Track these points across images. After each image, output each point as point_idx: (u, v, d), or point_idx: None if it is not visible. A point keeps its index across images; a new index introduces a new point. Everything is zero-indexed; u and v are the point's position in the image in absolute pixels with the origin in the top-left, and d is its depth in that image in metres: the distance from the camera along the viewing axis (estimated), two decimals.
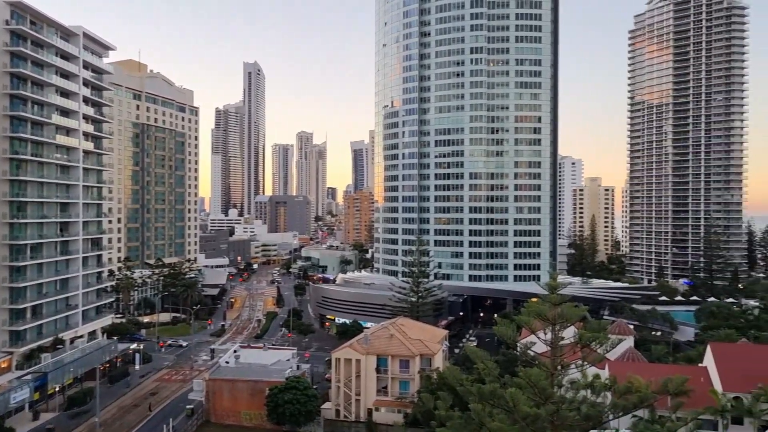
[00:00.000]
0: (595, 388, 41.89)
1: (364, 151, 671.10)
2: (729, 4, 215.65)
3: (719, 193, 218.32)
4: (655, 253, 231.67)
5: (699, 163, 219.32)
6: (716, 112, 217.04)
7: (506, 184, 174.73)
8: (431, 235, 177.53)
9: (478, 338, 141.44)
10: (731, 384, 71.41)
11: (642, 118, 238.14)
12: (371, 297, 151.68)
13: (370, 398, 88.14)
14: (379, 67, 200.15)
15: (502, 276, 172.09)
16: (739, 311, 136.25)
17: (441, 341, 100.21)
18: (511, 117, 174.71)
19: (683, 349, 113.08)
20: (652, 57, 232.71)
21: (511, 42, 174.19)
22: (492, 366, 43.62)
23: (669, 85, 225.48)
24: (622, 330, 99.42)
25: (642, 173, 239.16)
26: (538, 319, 42.70)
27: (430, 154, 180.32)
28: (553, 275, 45.27)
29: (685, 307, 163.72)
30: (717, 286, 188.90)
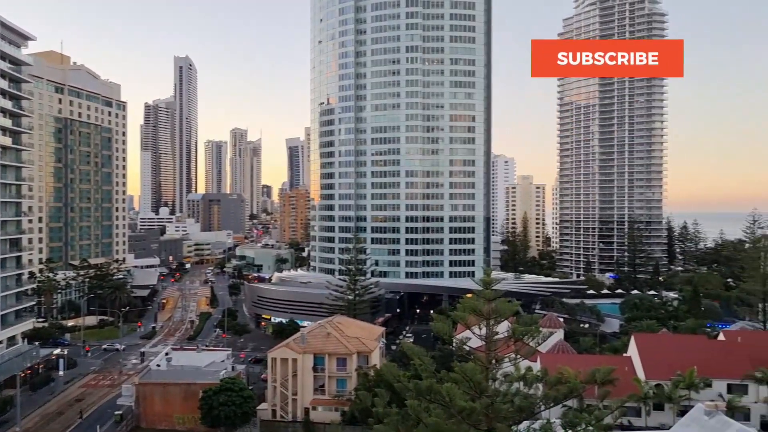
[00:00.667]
0: (528, 381, 42.97)
1: (300, 148, 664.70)
2: (650, 10, 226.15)
3: (642, 191, 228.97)
4: (583, 249, 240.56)
5: (623, 162, 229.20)
6: (638, 113, 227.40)
7: (441, 182, 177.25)
8: (368, 232, 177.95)
9: (415, 335, 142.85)
10: (653, 372, 75.12)
11: (571, 119, 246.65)
12: (308, 296, 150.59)
13: (307, 397, 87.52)
14: (314, 64, 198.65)
15: (438, 273, 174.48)
16: (659, 303, 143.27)
17: (378, 338, 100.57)
18: (446, 116, 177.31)
19: (609, 340, 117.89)
20: None
21: (445, 42, 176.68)
22: (428, 362, 44.00)
23: (595, 87, 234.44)
24: (552, 323, 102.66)
25: (571, 171, 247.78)
26: (473, 314, 43.36)
27: (367, 152, 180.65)
28: (488, 271, 46.11)
29: (610, 300, 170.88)
30: (640, 280, 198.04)
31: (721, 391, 73.04)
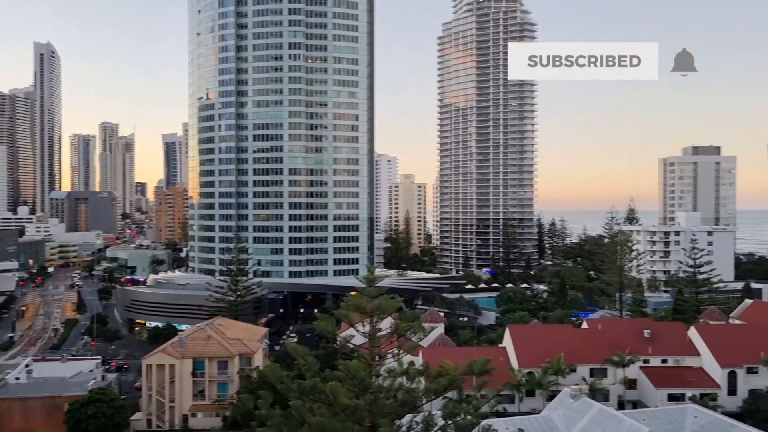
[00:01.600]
0: (410, 375, 43.88)
1: (178, 144, 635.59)
2: (521, 20, 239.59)
3: (515, 190, 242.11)
4: (462, 246, 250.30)
5: (498, 163, 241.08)
6: (512, 116, 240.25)
7: (325, 180, 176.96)
8: (250, 232, 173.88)
9: (298, 334, 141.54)
10: (525, 361, 79.63)
11: (450, 120, 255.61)
12: (186, 298, 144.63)
13: (186, 404, 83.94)
14: (192, 57, 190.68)
15: (322, 271, 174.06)
16: (531, 295, 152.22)
17: (261, 339, 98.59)
18: (329, 114, 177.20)
19: (486, 332, 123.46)
20: (458, 63, 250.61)
21: (329, 40, 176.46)
22: (312, 361, 43.68)
23: (473, 90, 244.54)
24: (433, 318, 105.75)
25: (450, 171, 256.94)
26: (357, 312, 43.57)
27: (248, 149, 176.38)
28: (371, 269, 46.52)
29: (487, 293, 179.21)
30: (514, 274, 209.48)
31: (585, 375, 78.90)
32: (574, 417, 58.58)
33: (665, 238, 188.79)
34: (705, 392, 77.04)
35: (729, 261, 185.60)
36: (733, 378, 78.83)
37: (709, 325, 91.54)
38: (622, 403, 79.35)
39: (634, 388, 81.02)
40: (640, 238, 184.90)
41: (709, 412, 62.95)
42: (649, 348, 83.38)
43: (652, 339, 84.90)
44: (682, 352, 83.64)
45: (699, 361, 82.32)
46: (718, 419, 60.46)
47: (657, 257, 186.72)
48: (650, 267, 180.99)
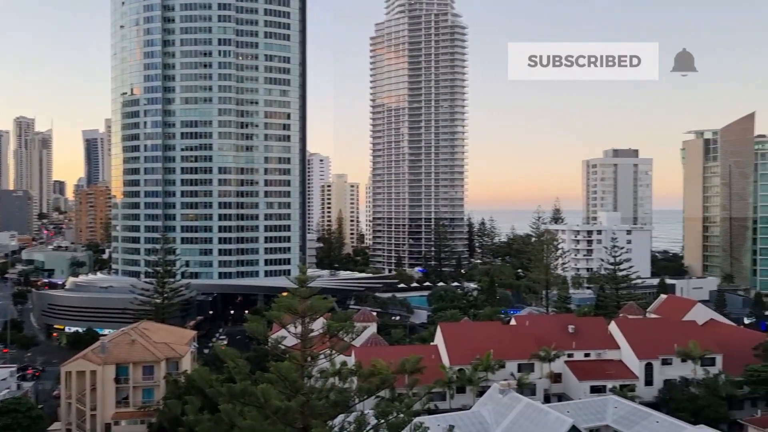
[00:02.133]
0: (342, 375, 43.79)
1: (100, 141, 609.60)
2: (452, 23, 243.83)
3: (446, 190, 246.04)
4: (394, 245, 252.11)
5: (430, 163, 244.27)
6: (443, 118, 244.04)
7: (256, 179, 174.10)
8: (178, 232, 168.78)
9: (229, 336, 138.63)
10: (456, 358, 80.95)
11: (383, 120, 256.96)
12: (109, 301, 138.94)
13: (109, 411, 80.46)
14: (116, 50, 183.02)
15: (253, 272, 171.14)
16: (462, 293, 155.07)
17: (189, 343, 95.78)
18: (260, 112, 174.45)
19: (418, 331, 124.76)
20: (390, 63, 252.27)
21: (260, 37, 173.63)
22: (243, 364, 42.88)
23: (405, 91, 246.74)
24: (366, 318, 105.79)
25: (383, 171, 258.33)
26: (289, 312, 43.13)
27: (176, 147, 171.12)
28: (303, 269, 46.12)
29: (419, 292, 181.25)
30: (445, 273, 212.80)
31: (513, 370, 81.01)
32: (503, 411, 60.10)
33: (588, 237, 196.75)
34: (624, 383, 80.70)
35: (646, 258, 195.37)
36: (650, 369, 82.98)
37: (628, 320, 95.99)
38: (548, 396, 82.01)
39: (559, 381, 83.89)
40: (565, 237, 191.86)
41: (628, 403, 66.09)
42: (573, 343, 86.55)
43: (576, 334, 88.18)
44: (603, 345, 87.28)
45: (619, 354, 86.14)
46: (636, 409, 63.53)
47: (581, 255, 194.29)
48: (574, 265, 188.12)
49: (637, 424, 59.39)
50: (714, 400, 74.98)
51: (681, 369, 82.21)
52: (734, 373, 79.82)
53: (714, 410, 73.43)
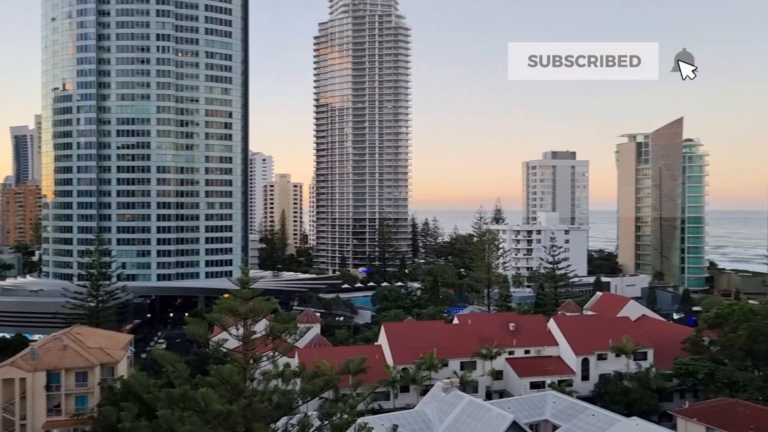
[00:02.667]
0: (286, 377, 43.33)
1: (29, 137, 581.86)
2: (396, 24, 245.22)
3: (390, 190, 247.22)
4: (338, 245, 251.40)
5: (374, 163, 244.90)
6: (387, 118, 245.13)
7: (197, 178, 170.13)
8: (114, 233, 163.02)
9: (168, 340, 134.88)
10: (400, 357, 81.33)
11: (326, 120, 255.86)
12: (39, 305, 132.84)
13: (40, 420, 76.85)
14: (47, 44, 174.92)
15: (193, 273, 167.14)
16: (405, 293, 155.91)
17: (125, 347, 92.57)
18: (201, 110, 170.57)
19: (362, 331, 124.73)
20: (334, 63, 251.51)
21: (200, 33, 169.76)
22: (182, 368, 41.78)
23: (349, 91, 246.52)
24: (310, 318, 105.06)
25: (327, 171, 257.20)
26: (230, 314, 42.32)
27: (112, 145, 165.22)
28: (245, 270, 45.34)
29: (363, 292, 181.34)
30: (389, 272, 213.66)
31: (456, 369, 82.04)
32: (446, 409, 60.77)
33: (528, 237, 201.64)
34: (562, 379, 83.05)
35: (583, 257, 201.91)
36: (586, 364, 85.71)
37: (566, 317, 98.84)
38: (490, 393, 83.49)
39: (500, 378, 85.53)
40: (506, 237, 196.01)
41: (565, 397, 68.00)
42: (514, 340, 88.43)
43: (517, 331, 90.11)
44: (542, 342, 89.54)
45: (557, 350, 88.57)
46: (573, 403, 65.45)
47: (521, 255, 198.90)
48: (515, 264, 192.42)
49: (575, 417, 61.17)
50: (645, 392, 78.19)
51: (615, 363, 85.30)
52: (664, 366, 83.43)
53: (645, 402, 76.60)
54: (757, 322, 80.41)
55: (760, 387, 74.25)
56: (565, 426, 60.27)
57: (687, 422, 65.35)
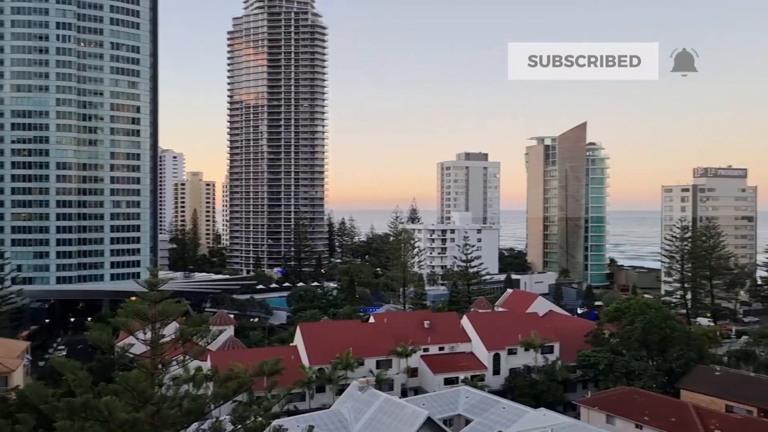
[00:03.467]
0: (197, 381, 41.90)
1: None
2: (313, 22, 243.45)
3: (306, 189, 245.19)
4: (253, 245, 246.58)
5: (290, 162, 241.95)
6: (303, 117, 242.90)
7: (101, 176, 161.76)
8: (7, 233, 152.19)
9: (69, 346, 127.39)
10: (316, 357, 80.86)
11: (241, 117, 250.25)
12: None
13: None
14: None
15: (97, 276, 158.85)
16: (321, 293, 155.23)
17: (21, 355, 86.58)
18: (106, 104, 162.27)
19: (278, 332, 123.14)
20: (249, 60, 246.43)
21: (105, 23, 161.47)
22: (84, 375, 39.50)
23: (264, 89, 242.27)
24: (223, 320, 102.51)
25: (241, 169, 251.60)
26: (137, 318, 40.46)
27: (5, 139, 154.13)
28: (153, 271, 43.50)
29: (278, 293, 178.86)
30: (305, 272, 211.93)
31: (372, 367, 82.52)
32: (362, 408, 60.96)
33: (442, 236, 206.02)
34: (475, 374, 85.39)
35: (494, 255, 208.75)
36: (497, 359, 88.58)
37: (478, 314, 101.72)
38: (405, 390, 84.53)
39: (415, 375, 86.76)
40: (421, 236, 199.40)
41: (477, 392, 70.00)
42: (429, 338, 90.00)
43: (431, 329, 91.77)
44: (456, 339, 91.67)
45: (470, 346, 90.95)
46: (485, 397, 67.48)
47: (436, 253, 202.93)
48: (430, 262, 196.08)
49: (486, 411, 63.04)
50: (552, 384, 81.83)
51: (524, 358, 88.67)
52: (569, 358, 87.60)
53: (552, 394, 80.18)
54: (651, 315, 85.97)
55: (653, 375, 79.47)
56: (477, 420, 61.98)
57: (589, 411, 69.01)
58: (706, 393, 72.38)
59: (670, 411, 64.21)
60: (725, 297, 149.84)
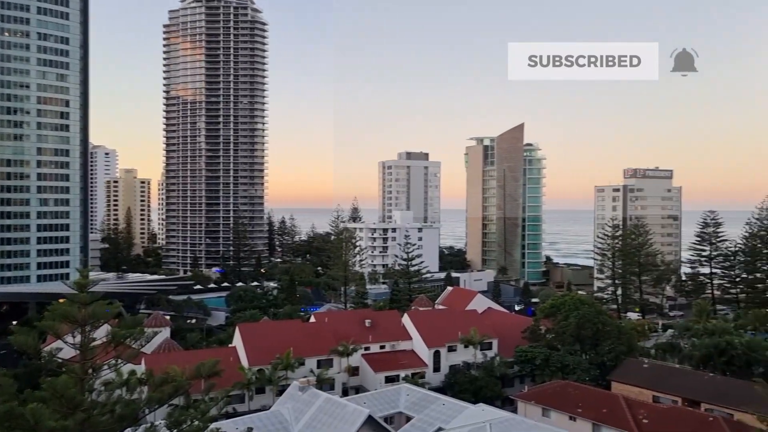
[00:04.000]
0: (131, 386, 40.50)
1: None
2: (252, 17, 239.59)
3: (246, 188, 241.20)
4: (190, 244, 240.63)
5: (229, 160, 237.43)
6: (243, 113, 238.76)
7: (27, 172, 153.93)
8: None
9: None
10: (256, 358, 79.66)
11: (178, 113, 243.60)
12: None
13: None
14: None
15: (22, 277, 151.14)
16: (261, 293, 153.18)
17: None
18: (32, 97, 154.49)
19: (216, 333, 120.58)
20: (186, 54, 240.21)
21: (31, 12, 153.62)
22: (8, 382, 37.66)
23: (202, 84, 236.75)
24: (158, 322, 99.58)
25: (178, 166, 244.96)
26: (66, 321, 38.73)
27: None
28: (83, 272, 41.66)
29: (217, 293, 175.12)
30: (244, 272, 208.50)
31: (313, 367, 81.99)
32: (302, 408, 60.44)
33: (384, 235, 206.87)
34: (415, 372, 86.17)
35: (435, 254, 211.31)
36: (438, 357, 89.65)
37: (419, 312, 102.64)
38: (347, 389, 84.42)
39: (356, 374, 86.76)
40: (363, 235, 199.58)
41: (418, 389, 70.64)
42: (370, 336, 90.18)
43: (373, 328, 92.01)
44: (397, 337, 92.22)
45: (411, 344, 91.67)
46: (426, 394, 68.16)
47: (377, 252, 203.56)
48: (371, 261, 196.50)
49: (427, 408, 63.68)
50: (490, 380, 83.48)
51: (464, 354, 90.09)
52: (507, 354, 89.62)
53: (490, 389, 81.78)
54: (584, 310, 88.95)
55: (586, 369, 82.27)
56: (418, 417, 62.53)
57: (526, 405, 70.79)
58: (635, 384, 75.56)
59: (601, 403, 66.65)
60: (653, 292, 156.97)
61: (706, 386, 72.22)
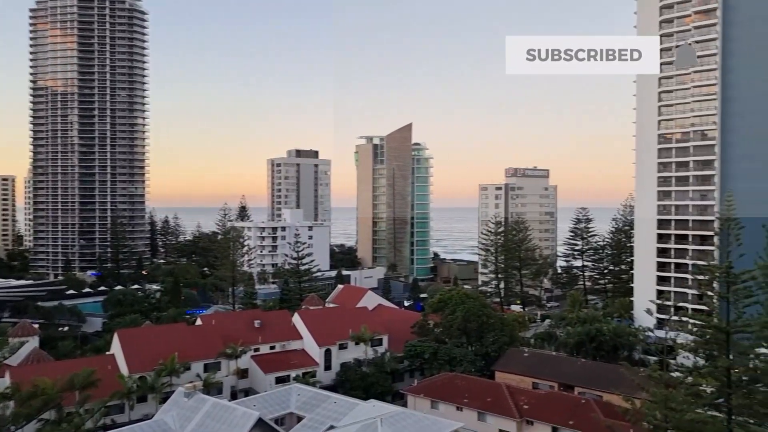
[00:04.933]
0: None
1: None
2: (131, 5, 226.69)
3: (125, 186, 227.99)
4: (62, 246, 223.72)
5: (105, 156, 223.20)
6: (121, 107, 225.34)
7: None
8: None
9: None
10: (136, 365, 75.62)
11: (47, 105, 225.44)
12: None
13: None
14: None
15: None
16: (143, 296, 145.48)
17: None
18: None
19: (92, 341, 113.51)
20: (56, 43, 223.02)
21: None
22: None
23: (74, 75, 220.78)
24: (25, 331, 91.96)
25: (47, 163, 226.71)
26: None
27: None
28: None
29: (93, 298, 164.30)
30: (124, 275, 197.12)
31: (199, 371, 79.13)
32: (188, 415, 58.03)
33: (273, 234, 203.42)
34: (306, 371, 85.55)
35: (326, 252, 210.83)
36: (329, 355, 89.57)
37: (310, 311, 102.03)
38: (236, 392, 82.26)
39: (246, 377, 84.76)
40: (251, 234, 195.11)
41: (309, 389, 70.22)
42: (259, 337, 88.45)
43: (262, 328, 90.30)
44: (287, 337, 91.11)
45: (302, 343, 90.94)
46: (317, 393, 67.87)
47: (266, 251, 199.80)
48: (260, 261, 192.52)
49: (318, 407, 63.42)
50: (381, 376, 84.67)
51: (355, 351, 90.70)
52: (397, 350, 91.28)
53: (381, 385, 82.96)
54: (470, 304, 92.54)
55: (472, 360, 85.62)
56: (309, 416, 62.12)
57: (415, 398, 72.55)
58: (517, 373, 79.73)
59: (486, 392, 69.68)
60: (532, 285, 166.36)
61: (579, 371, 77.58)
